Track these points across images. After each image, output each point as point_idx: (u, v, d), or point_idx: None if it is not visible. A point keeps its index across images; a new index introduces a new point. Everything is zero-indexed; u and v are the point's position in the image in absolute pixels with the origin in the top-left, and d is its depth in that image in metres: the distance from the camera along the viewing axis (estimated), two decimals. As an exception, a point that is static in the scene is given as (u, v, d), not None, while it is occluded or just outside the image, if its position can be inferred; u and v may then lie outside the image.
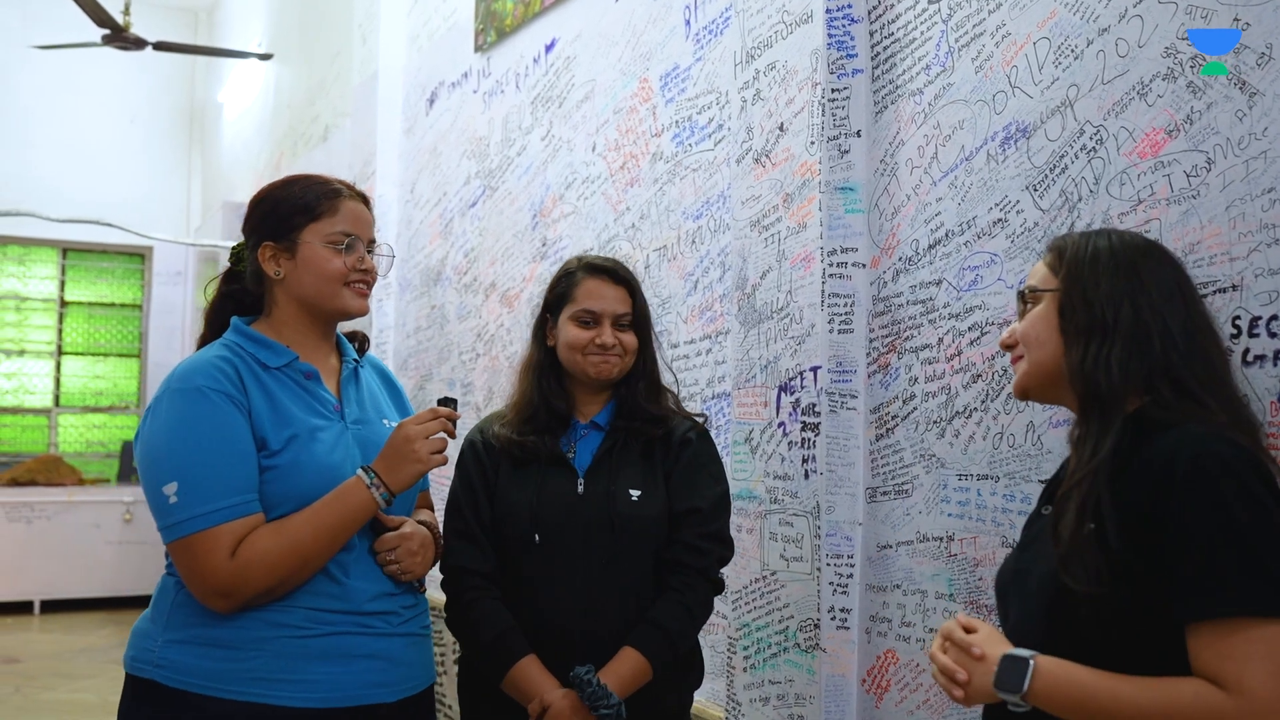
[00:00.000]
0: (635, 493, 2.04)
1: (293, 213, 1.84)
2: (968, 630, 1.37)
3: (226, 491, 1.69)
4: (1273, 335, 1.60)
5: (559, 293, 2.16)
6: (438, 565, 2.09)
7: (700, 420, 2.19)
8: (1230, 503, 1.21)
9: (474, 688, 2.09)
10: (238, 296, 1.93)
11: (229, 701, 1.69)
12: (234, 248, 1.94)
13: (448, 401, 1.89)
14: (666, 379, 2.23)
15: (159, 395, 1.77)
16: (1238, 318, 1.64)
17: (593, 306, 2.10)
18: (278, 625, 1.73)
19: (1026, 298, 1.47)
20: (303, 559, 1.72)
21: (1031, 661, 1.28)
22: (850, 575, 2.31)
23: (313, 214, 1.84)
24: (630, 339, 2.11)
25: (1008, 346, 1.51)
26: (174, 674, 1.71)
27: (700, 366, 2.90)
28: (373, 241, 1.91)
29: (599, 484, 2.05)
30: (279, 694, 1.71)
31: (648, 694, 1.98)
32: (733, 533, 2.53)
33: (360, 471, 1.79)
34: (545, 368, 2.14)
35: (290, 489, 1.75)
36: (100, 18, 6.03)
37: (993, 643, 1.34)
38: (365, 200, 1.93)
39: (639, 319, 2.14)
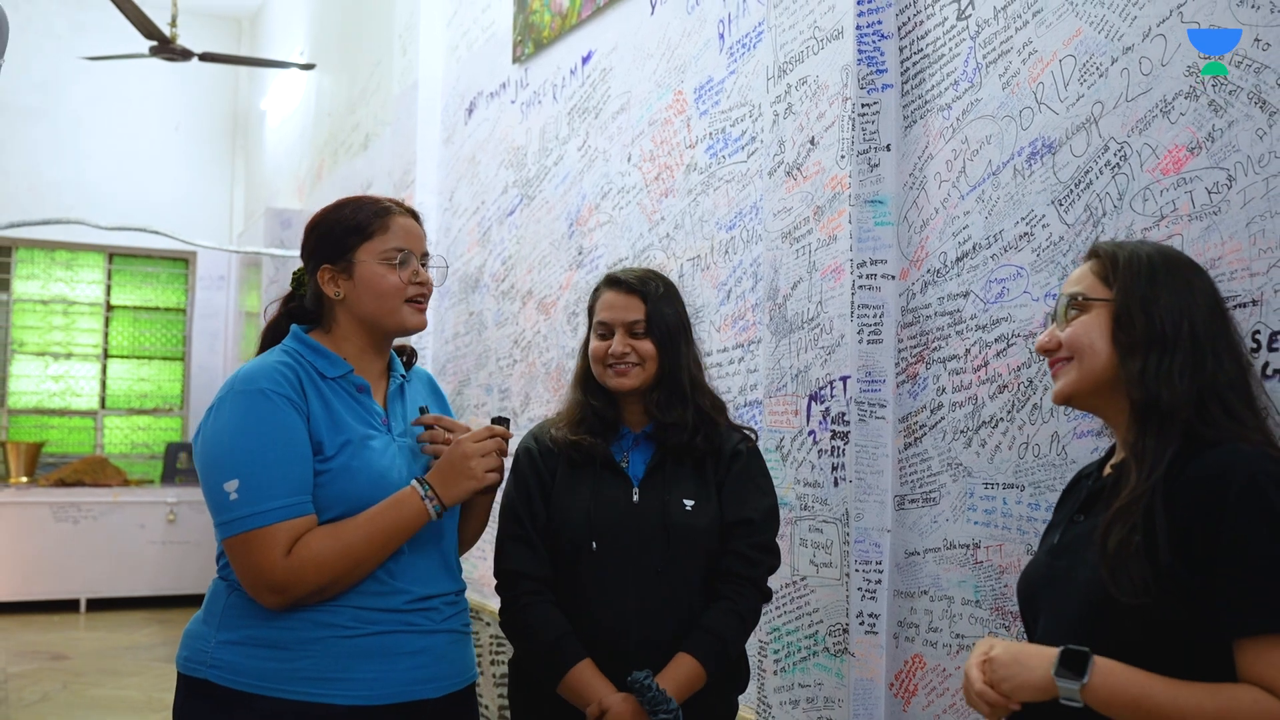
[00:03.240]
0: (689, 503, 2.08)
1: (346, 234, 1.90)
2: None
3: (285, 491, 1.76)
4: (1292, 350, 1.63)
5: (589, 308, 2.22)
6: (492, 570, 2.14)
7: (751, 435, 2.22)
8: None
9: (526, 691, 2.13)
10: (295, 316, 2.00)
11: (280, 700, 1.76)
12: (295, 273, 2.01)
13: (501, 421, 1.95)
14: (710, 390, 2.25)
15: (222, 396, 1.83)
16: (1258, 332, 1.68)
17: (605, 317, 2.15)
18: (326, 625, 1.79)
19: (1077, 304, 1.48)
20: (355, 562, 1.79)
21: (1091, 655, 1.30)
22: (879, 581, 2.35)
23: (365, 233, 1.90)
24: (646, 346, 2.13)
25: (1047, 351, 1.51)
26: (227, 674, 1.78)
27: (733, 375, 2.95)
28: (425, 255, 1.97)
29: (654, 493, 2.09)
30: (328, 692, 1.78)
31: (699, 699, 2.02)
32: (763, 538, 2.57)
33: (415, 483, 1.85)
34: (590, 379, 2.18)
35: (342, 492, 1.81)
36: (148, 30, 6.15)
37: (1007, 648, 1.39)
38: (415, 216, 1.98)
39: (656, 326, 2.14)
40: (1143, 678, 1.28)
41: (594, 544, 2.05)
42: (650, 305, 2.14)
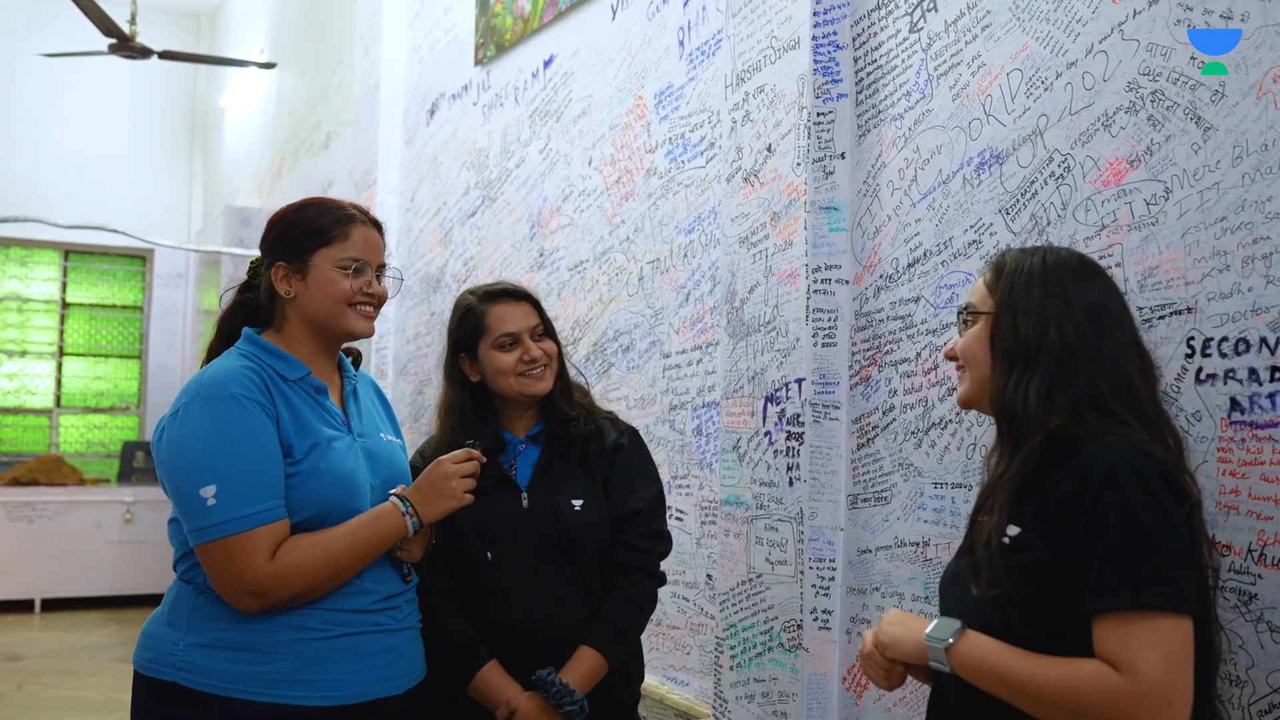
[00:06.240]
0: (577, 503, 2.14)
1: (306, 236, 1.93)
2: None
3: (264, 496, 1.78)
4: (1223, 355, 1.71)
5: (468, 330, 2.20)
6: None
7: (622, 423, 2.28)
8: (1136, 508, 1.33)
9: (439, 695, 2.14)
10: (250, 306, 2.01)
11: (250, 703, 1.78)
12: (253, 262, 2.03)
13: (474, 448, 2.00)
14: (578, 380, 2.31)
15: (188, 401, 1.83)
16: (1192, 339, 1.75)
17: (509, 329, 2.17)
18: (297, 628, 1.82)
19: (968, 315, 1.55)
20: (336, 570, 1.82)
21: (962, 625, 1.43)
22: (832, 578, 2.41)
23: (325, 238, 1.92)
24: (551, 346, 2.20)
25: (951, 358, 1.60)
26: (196, 676, 1.79)
27: (691, 376, 3.00)
28: (382, 266, 2.00)
29: (542, 497, 2.14)
30: (298, 694, 1.80)
31: (604, 689, 2.10)
32: (721, 537, 2.64)
33: (395, 499, 1.90)
34: (465, 405, 2.19)
35: (311, 495, 1.84)
36: (107, 27, 6.12)
37: (898, 613, 1.56)
38: (378, 226, 2.01)
39: (549, 326, 2.22)
40: (1004, 649, 1.39)
41: (489, 554, 2.11)
42: (539, 309, 2.22)
